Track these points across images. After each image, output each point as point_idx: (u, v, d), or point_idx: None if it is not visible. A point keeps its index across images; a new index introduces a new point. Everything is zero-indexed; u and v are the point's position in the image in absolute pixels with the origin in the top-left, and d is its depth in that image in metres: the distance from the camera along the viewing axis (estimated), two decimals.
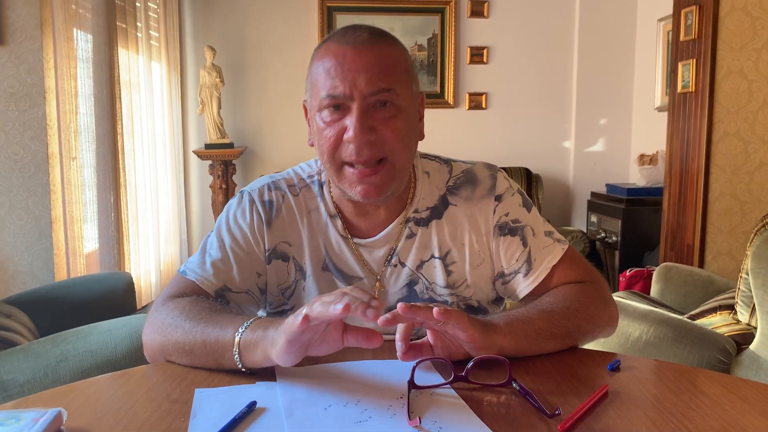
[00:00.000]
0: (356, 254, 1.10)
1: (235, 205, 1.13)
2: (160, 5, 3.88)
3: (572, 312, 1.01)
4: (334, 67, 0.98)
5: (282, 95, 4.41)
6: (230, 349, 0.88)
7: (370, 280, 1.11)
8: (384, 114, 1.00)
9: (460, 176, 1.14)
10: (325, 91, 0.99)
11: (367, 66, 0.98)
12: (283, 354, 0.82)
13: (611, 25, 4.51)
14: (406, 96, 1.02)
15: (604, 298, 1.09)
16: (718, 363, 1.86)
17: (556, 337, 0.98)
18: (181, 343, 0.93)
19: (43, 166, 2.58)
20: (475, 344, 0.89)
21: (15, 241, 2.60)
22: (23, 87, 2.56)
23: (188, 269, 1.08)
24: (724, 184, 3.06)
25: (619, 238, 3.88)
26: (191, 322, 0.94)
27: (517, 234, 1.12)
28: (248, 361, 0.88)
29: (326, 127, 1.00)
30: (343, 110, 0.99)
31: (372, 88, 0.98)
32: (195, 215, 4.52)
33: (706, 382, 0.89)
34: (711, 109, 3.03)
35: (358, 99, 0.97)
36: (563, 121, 4.64)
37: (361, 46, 0.99)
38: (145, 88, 3.58)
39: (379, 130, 0.99)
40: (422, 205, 1.12)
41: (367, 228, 1.11)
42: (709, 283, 2.55)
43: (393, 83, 1.00)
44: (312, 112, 1.04)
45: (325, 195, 1.12)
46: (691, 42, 3.10)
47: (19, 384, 1.76)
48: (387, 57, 1.01)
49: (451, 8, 4.45)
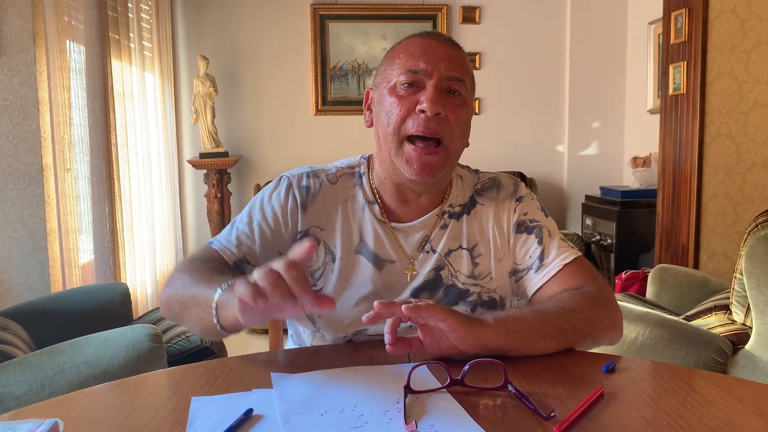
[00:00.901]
0: (392, 238, 1.16)
1: (273, 186, 1.19)
2: (153, 16, 3.89)
3: (567, 311, 1.01)
4: (418, 51, 1.09)
5: (276, 103, 4.42)
6: (210, 306, 0.92)
7: (403, 263, 1.16)
8: (453, 100, 1.09)
9: (486, 182, 1.24)
10: (406, 66, 1.08)
11: (448, 56, 1.09)
12: (240, 314, 0.81)
13: (602, 29, 4.54)
14: (470, 97, 1.13)
15: (605, 301, 1.08)
16: (715, 363, 1.87)
17: (549, 335, 0.98)
18: (179, 294, 1.00)
19: (37, 177, 2.58)
20: (458, 335, 0.91)
21: (10, 254, 2.60)
22: (17, 99, 2.56)
23: (216, 239, 1.15)
24: (717, 185, 3.08)
25: (614, 240, 3.89)
26: (191, 277, 1.01)
27: (533, 232, 1.18)
28: (223, 318, 0.91)
29: (398, 101, 1.08)
30: (417, 88, 1.08)
31: (450, 73, 1.08)
32: (190, 224, 4.52)
33: (700, 382, 0.90)
34: (702, 110, 3.05)
35: (435, 78, 1.07)
36: (556, 125, 4.66)
37: (444, 42, 1.12)
38: (138, 98, 3.58)
39: (447, 111, 1.07)
40: (456, 201, 1.20)
41: (405, 214, 1.18)
42: (704, 284, 2.56)
43: (465, 77, 1.11)
44: (381, 90, 1.12)
45: (364, 184, 1.19)
46: (681, 44, 3.12)
47: (16, 397, 1.75)
48: (463, 57, 1.13)
49: (443, 15, 4.47)
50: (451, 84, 1.08)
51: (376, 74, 1.17)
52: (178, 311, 1.02)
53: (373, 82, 1.18)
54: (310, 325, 1.17)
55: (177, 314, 1.03)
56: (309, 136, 4.45)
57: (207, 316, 0.93)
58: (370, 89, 1.18)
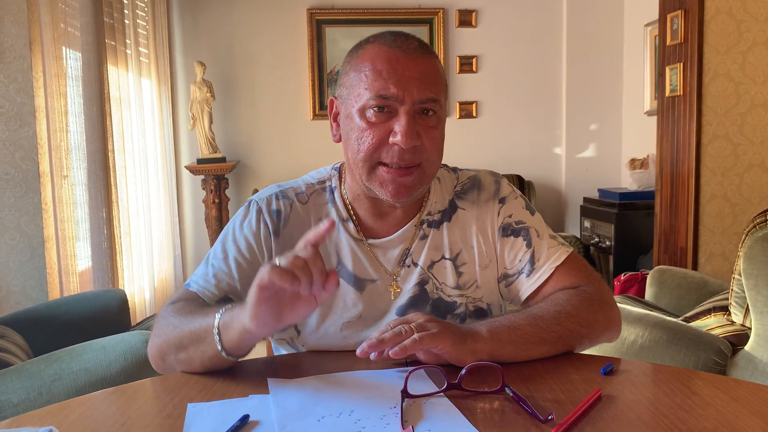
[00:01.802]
0: (370, 256, 1.11)
1: (242, 215, 1.14)
2: (149, 22, 3.89)
3: (563, 316, 1.00)
4: (387, 70, 1.01)
5: (273, 108, 4.42)
6: (212, 332, 0.91)
7: (385, 281, 1.11)
8: (427, 122, 1.03)
9: (466, 182, 1.18)
10: (374, 92, 1.01)
11: (419, 74, 1.02)
12: (254, 308, 0.83)
13: (599, 31, 4.55)
14: (444, 109, 1.07)
15: (601, 300, 1.07)
16: (714, 365, 1.86)
17: (546, 342, 0.98)
18: (173, 338, 0.97)
19: (34, 185, 2.57)
20: (451, 356, 0.91)
21: (7, 261, 2.59)
22: (13, 106, 2.56)
23: (192, 281, 1.10)
24: (714, 186, 3.08)
25: (613, 242, 3.89)
26: (182, 318, 0.98)
27: (520, 235, 1.13)
28: (227, 341, 0.90)
29: (369, 128, 1.02)
30: (389, 113, 1.02)
31: (423, 96, 1.01)
32: (188, 230, 4.51)
33: (698, 384, 0.90)
34: (699, 112, 3.05)
35: (408, 104, 1.00)
36: (554, 127, 4.66)
37: (414, 54, 1.03)
38: (135, 104, 3.58)
39: (421, 137, 1.02)
40: (434, 208, 1.15)
41: (381, 228, 1.13)
42: (702, 285, 2.56)
43: (438, 95, 1.04)
44: (349, 109, 1.05)
45: (337, 200, 1.14)
46: (677, 46, 3.13)
47: (13, 404, 1.75)
48: (434, 69, 1.05)
49: (440, 18, 4.47)
50: (425, 106, 1.02)
51: (340, 80, 1.09)
52: (173, 356, 0.97)
53: (338, 91, 1.10)
54: (293, 350, 1.14)
55: (172, 359, 0.98)
56: (306, 140, 4.44)
57: (208, 346, 0.92)
58: (335, 97, 1.12)
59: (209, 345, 0.92)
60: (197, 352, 0.94)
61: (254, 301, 0.83)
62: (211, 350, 0.92)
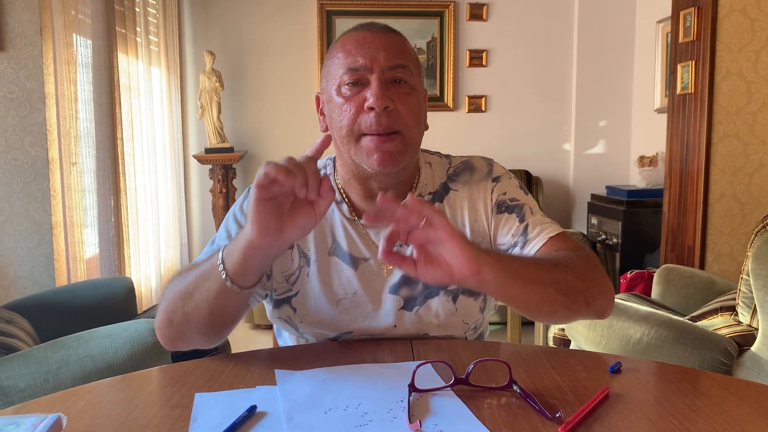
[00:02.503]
0: (363, 235, 1.14)
1: (242, 197, 1.18)
2: (160, 10, 3.89)
3: (562, 266, 0.99)
4: (355, 47, 1.07)
5: (282, 99, 4.41)
6: (216, 266, 0.92)
7: (378, 259, 1.13)
8: (400, 90, 1.07)
9: (459, 166, 1.21)
10: (345, 67, 1.07)
11: (385, 45, 1.07)
12: (255, 207, 0.85)
13: (610, 27, 4.51)
14: (417, 81, 1.10)
15: (597, 266, 1.05)
16: (720, 365, 1.86)
17: (542, 282, 0.94)
18: (179, 291, 0.98)
19: (43, 171, 2.58)
20: (456, 243, 0.84)
21: (15, 247, 2.60)
22: (23, 92, 2.56)
23: (198, 259, 1.10)
24: (724, 186, 3.06)
25: (620, 240, 3.87)
26: (185, 274, 1.00)
27: (514, 212, 1.15)
28: (231, 266, 0.91)
29: (345, 102, 1.07)
30: (361, 85, 1.06)
31: (390, 62, 1.06)
32: (195, 219, 4.52)
33: (707, 384, 0.89)
34: (710, 110, 3.03)
35: (377, 71, 1.05)
36: (563, 123, 4.64)
37: (378, 32, 1.10)
38: (144, 92, 3.58)
39: (395, 103, 1.05)
40: (425, 190, 1.18)
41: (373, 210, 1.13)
42: (710, 285, 2.55)
43: (408, 62, 1.08)
44: (329, 93, 1.10)
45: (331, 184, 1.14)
46: (689, 43, 3.10)
47: (20, 390, 1.76)
48: (401, 42, 1.11)
49: (450, 11, 4.45)
50: (394, 73, 1.06)
51: (321, 77, 1.16)
52: (180, 311, 0.97)
53: (320, 86, 1.17)
54: (293, 330, 1.16)
55: (180, 316, 0.97)
56: (314, 131, 4.39)
57: (214, 282, 0.93)
58: (319, 93, 1.18)
59: (215, 281, 0.92)
60: (203, 293, 0.94)
61: (254, 202, 0.85)
62: (217, 285, 0.92)
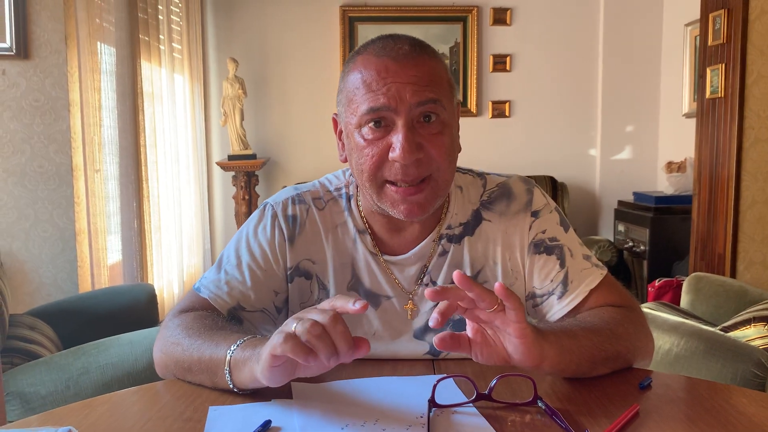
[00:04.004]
0: (386, 272, 1.05)
1: (257, 218, 1.08)
2: (183, 18, 3.92)
3: (615, 337, 0.93)
4: (376, 81, 0.92)
5: (304, 106, 4.41)
6: (222, 367, 0.86)
7: (402, 299, 1.05)
8: (430, 130, 0.94)
9: (494, 190, 1.08)
10: (366, 105, 0.93)
11: (411, 78, 0.92)
12: (267, 371, 0.78)
13: (637, 31, 4.44)
14: (450, 109, 0.97)
15: (645, 328, 1.01)
16: (753, 377, 1.79)
17: (595, 361, 0.90)
18: (180, 361, 0.92)
19: (67, 178, 2.60)
20: (524, 342, 0.80)
21: (40, 253, 2.63)
22: (48, 100, 2.59)
23: (202, 285, 1.05)
24: (756, 192, 2.98)
25: (648, 247, 3.80)
26: (190, 340, 0.92)
27: (553, 253, 1.04)
28: (238, 380, 0.85)
29: (367, 146, 0.94)
30: (386, 126, 0.93)
31: (418, 98, 0.92)
32: (218, 226, 4.54)
33: (743, 402, 0.85)
34: (741, 114, 2.95)
35: (403, 113, 0.92)
36: (589, 128, 4.58)
37: (404, 60, 0.93)
38: (168, 100, 3.61)
39: (425, 147, 0.93)
40: (455, 221, 1.06)
41: (398, 244, 1.05)
42: (741, 294, 2.48)
43: (440, 95, 0.94)
44: (348, 128, 0.98)
45: (353, 209, 1.07)
46: (719, 46, 3.03)
47: (41, 396, 1.76)
48: (431, 70, 0.95)
49: (474, 16, 4.42)
50: (424, 109, 0.93)
51: (338, 98, 1.02)
52: (179, 374, 0.93)
53: (337, 109, 1.03)
54: None
55: (178, 375, 0.94)
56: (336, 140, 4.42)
57: (220, 379, 0.87)
58: (335, 115, 1.05)
59: (220, 378, 0.87)
60: (206, 380, 0.89)
61: (266, 366, 0.78)
62: (222, 383, 0.87)
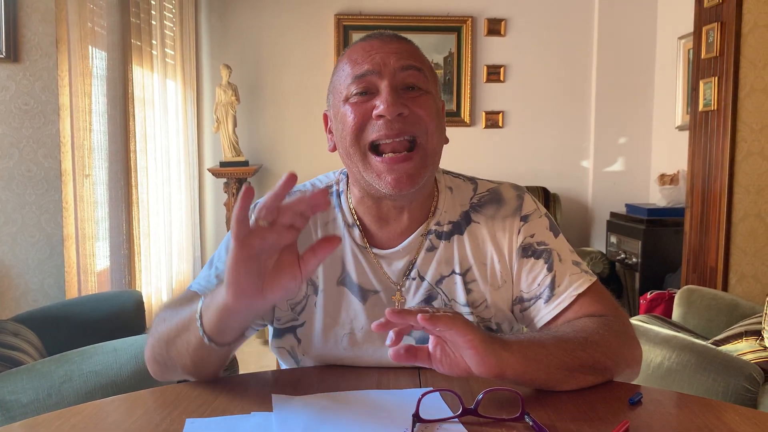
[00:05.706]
0: (375, 265, 1.05)
1: None
2: (177, 23, 3.90)
3: (590, 344, 0.92)
4: (361, 56, 0.98)
5: (297, 113, 4.40)
6: (195, 318, 0.87)
7: (389, 292, 1.05)
8: (414, 94, 0.97)
9: (485, 194, 1.09)
10: (351, 76, 0.97)
11: (395, 49, 0.98)
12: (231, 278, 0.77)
13: (630, 44, 4.46)
14: (433, 88, 1.01)
15: (629, 335, 0.99)
16: (745, 392, 1.78)
17: (569, 368, 0.89)
18: (163, 334, 0.94)
19: (55, 183, 2.57)
20: (476, 353, 0.81)
21: (26, 258, 2.59)
22: (38, 104, 2.56)
23: (195, 282, 1.06)
24: (748, 205, 2.98)
25: (640, 259, 3.79)
26: (172, 311, 0.95)
27: (541, 257, 1.04)
28: (208, 322, 0.85)
29: (351, 108, 0.97)
30: (370, 95, 0.96)
31: (402, 63, 0.96)
32: (209, 233, 4.51)
33: (735, 419, 0.83)
34: (734, 127, 2.95)
35: (387, 75, 0.95)
36: (581, 140, 4.58)
37: (388, 38, 1.00)
38: (159, 105, 3.58)
39: (410, 107, 0.95)
40: (444, 218, 1.07)
41: (387, 238, 1.06)
42: (733, 307, 2.47)
43: (422, 66, 0.99)
44: (336, 108, 1.01)
45: (343, 205, 1.08)
46: (712, 60, 3.04)
47: (23, 404, 1.72)
48: (415, 50, 1.01)
49: (468, 27, 4.42)
50: (407, 76, 0.96)
51: (328, 93, 1.06)
52: (165, 354, 0.93)
53: (327, 103, 1.06)
54: (293, 363, 1.07)
55: (165, 358, 0.94)
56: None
57: (193, 335, 0.87)
58: (326, 111, 1.07)
59: (193, 333, 0.87)
60: (184, 344, 0.89)
61: (232, 262, 0.76)
62: (196, 339, 0.87)
